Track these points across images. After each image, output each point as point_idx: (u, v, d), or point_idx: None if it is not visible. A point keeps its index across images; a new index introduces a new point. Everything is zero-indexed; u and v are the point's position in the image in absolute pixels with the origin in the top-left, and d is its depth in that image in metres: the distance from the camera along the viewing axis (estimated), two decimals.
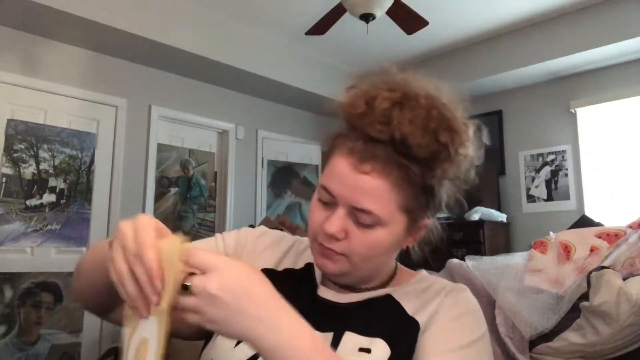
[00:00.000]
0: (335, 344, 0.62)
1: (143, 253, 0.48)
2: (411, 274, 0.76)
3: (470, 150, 0.66)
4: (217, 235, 0.81)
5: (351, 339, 0.62)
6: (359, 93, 0.65)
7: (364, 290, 0.71)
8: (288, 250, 0.79)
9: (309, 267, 0.76)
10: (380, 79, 0.66)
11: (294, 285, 0.72)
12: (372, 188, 0.61)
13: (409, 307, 0.67)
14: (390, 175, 0.61)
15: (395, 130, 0.60)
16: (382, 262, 0.70)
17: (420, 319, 0.65)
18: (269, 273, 0.73)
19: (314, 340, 0.51)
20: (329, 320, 0.66)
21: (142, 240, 0.49)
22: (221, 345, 0.66)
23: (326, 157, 0.69)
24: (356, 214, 0.62)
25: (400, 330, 0.64)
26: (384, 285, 0.72)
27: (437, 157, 0.61)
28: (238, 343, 0.65)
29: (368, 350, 0.61)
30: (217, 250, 0.78)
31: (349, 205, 0.62)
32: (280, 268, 0.76)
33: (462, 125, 0.64)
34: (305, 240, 0.80)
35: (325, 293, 0.71)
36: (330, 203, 0.64)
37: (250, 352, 0.63)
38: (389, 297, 0.69)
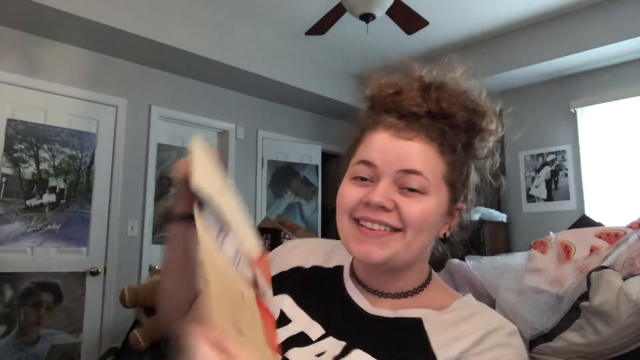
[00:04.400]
0: (341, 356, 0.59)
1: None
2: (451, 296, 0.68)
3: (496, 131, 0.68)
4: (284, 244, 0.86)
5: (359, 357, 0.58)
6: (387, 79, 0.67)
7: (392, 296, 0.65)
8: (329, 250, 0.78)
9: (338, 268, 0.73)
10: (404, 71, 0.68)
11: (318, 281, 0.70)
12: (419, 152, 0.60)
13: (435, 340, 0.59)
14: (434, 141, 0.62)
15: (432, 104, 0.62)
16: (426, 246, 0.64)
17: (444, 355, 0.57)
18: (296, 271, 0.74)
19: None
20: (349, 327, 0.62)
21: None
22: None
23: (356, 141, 0.67)
24: (403, 179, 0.59)
25: None
26: (413, 293, 0.66)
27: (474, 126, 0.65)
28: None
29: None
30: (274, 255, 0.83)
31: (394, 171, 0.60)
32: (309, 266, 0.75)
33: (488, 109, 0.67)
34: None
35: (356, 295, 0.67)
36: (368, 179, 0.62)
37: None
38: (419, 324, 0.61)
